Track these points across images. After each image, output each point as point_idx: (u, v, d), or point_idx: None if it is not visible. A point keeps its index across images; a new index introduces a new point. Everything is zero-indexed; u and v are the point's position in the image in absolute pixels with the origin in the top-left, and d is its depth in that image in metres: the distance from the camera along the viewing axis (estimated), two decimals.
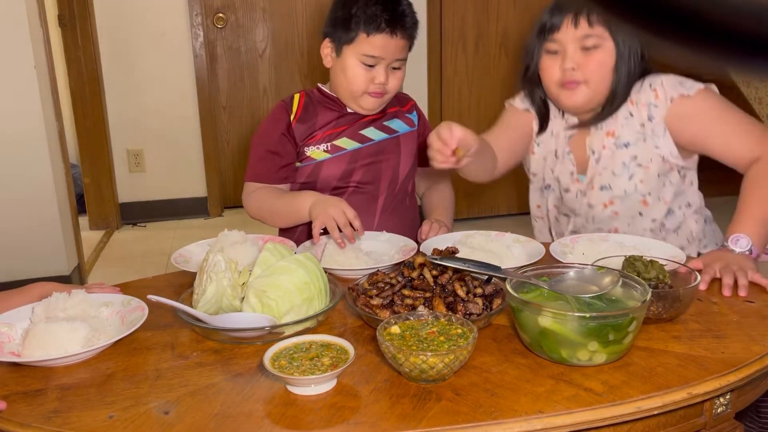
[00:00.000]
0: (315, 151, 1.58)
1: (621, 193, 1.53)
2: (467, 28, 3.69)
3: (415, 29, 1.57)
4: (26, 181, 2.80)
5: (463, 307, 1.07)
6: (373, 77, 1.53)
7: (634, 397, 0.88)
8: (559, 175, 1.60)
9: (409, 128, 1.68)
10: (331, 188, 1.59)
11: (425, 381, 0.92)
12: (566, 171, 1.59)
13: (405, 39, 1.54)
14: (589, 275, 1.08)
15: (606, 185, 1.54)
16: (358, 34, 1.51)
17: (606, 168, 1.53)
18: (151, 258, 3.49)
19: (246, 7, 4.04)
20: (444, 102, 3.75)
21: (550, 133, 1.62)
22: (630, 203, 1.54)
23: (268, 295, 1.08)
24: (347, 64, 1.54)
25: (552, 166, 1.62)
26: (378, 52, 1.52)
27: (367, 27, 1.50)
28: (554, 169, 1.61)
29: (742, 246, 1.29)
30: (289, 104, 1.61)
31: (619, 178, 1.53)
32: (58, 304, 1.09)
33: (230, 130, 4.19)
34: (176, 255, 1.38)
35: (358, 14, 1.51)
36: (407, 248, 1.40)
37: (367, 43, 1.51)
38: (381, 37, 1.50)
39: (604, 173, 1.54)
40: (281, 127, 1.58)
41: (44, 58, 2.85)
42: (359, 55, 1.52)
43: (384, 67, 1.53)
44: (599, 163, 1.54)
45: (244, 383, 0.94)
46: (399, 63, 1.56)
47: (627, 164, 1.52)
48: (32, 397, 0.92)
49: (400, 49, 1.54)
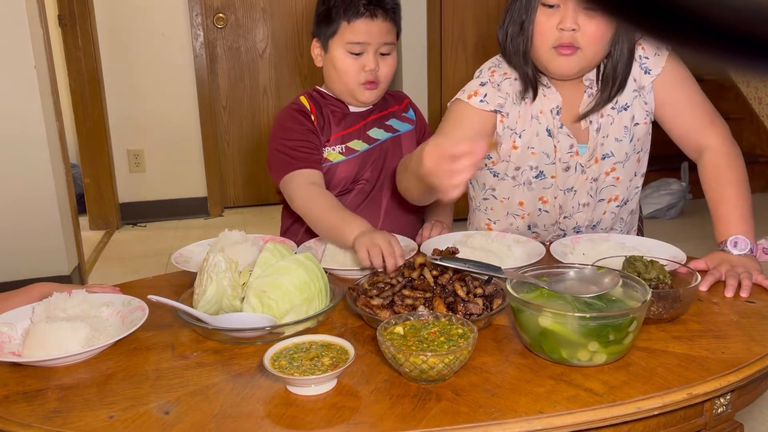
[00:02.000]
0: (331, 152, 1.56)
1: (623, 158, 1.48)
2: (467, 29, 3.70)
3: (397, 11, 1.54)
4: (26, 182, 2.80)
5: (463, 307, 1.07)
6: (362, 65, 1.51)
7: (635, 398, 0.88)
8: (558, 153, 1.47)
9: (409, 126, 1.67)
10: (341, 187, 1.58)
11: (425, 381, 0.92)
12: (564, 146, 1.47)
13: (388, 21, 1.52)
14: (589, 275, 1.08)
15: (608, 153, 1.48)
16: (340, 24, 1.50)
17: (608, 136, 1.47)
18: (151, 258, 3.49)
19: (246, 7, 4.04)
20: (444, 102, 3.75)
21: (528, 117, 1.47)
22: (629, 165, 1.50)
23: (269, 295, 1.08)
24: (335, 56, 1.53)
25: (545, 149, 1.48)
26: (362, 37, 1.50)
27: (346, 14, 1.49)
28: (548, 152, 1.48)
29: (742, 248, 1.29)
30: (302, 106, 1.58)
31: (621, 143, 1.47)
32: (58, 304, 1.10)
33: (230, 130, 4.19)
34: (176, 255, 1.38)
35: (336, 4, 1.50)
36: (408, 248, 1.40)
37: (350, 31, 1.50)
38: (362, 22, 1.49)
39: (605, 142, 1.47)
40: (308, 125, 1.55)
41: (44, 58, 2.86)
42: (344, 45, 1.51)
43: (372, 54, 1.51)
44: (599, 132, 1.46)
45: (244, 383, 0.94)
46: (387, 48, 1.54)
47: (629, 127, 1.46)
48: (32, 397, 0.92)
49: (385, 33, 1.52)
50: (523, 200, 1.55)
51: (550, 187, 1.52)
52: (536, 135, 1.48)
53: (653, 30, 0.29)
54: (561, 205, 1.53)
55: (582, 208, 1.54)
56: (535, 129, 1.48)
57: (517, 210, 1.57)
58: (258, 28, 4.08)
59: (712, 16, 0.27)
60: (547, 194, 1.53)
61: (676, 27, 0.28)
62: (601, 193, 1.53)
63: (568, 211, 1.54)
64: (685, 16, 0.28)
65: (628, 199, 1.56)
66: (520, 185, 1.54)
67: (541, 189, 1.53)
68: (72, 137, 3.82)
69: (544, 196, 1.53)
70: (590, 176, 1.50)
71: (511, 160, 1.51)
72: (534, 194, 1.54)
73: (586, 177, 1.50)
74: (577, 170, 1.49)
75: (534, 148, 1.49)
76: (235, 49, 4.09)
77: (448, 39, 3.68)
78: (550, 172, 1.50)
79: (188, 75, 3.95)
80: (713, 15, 0.27)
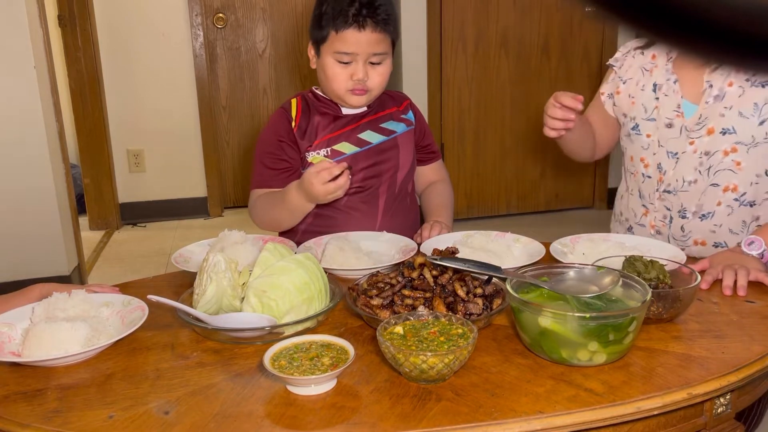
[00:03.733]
0: (315, 156, 1.56)
1: (748, 140, 1.35)
2: (467, 29, 3.69)
3: (389, 22, 1.49)
4: (26, 182, 2.80)
5: (463, 307, 1.07)
6: (351, 74, 1.50)
7: (634, 398, 0.88)
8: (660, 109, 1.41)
9: (407, 128, 1.66)
10: None
11: (425, 381, 0.92)
12: (671, 104, 1.40)
13: (378, 32, 1.48)
14: (589, 275, 1.08)
15: (729, 128, 1.35)
16: (329, 32, 1.49)
17: (731, 108, 1.35)
18: (151, 258, 3.49)
19: (246, 7, 4.05)
20: (444, 102, 3.76)
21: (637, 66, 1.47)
22: (756, 155, 1.36)
23: (268, 295, 1.08)
24: (325, 63, 1.52)
25: (646, 102, 1.45)
26: (349, 47, 1.48)
27: (335, 23, 1.47)
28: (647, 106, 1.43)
29: (755, 249, 1.27)
30: (288, 110, 1.60)
31: (747, 121, 1.34)
32: (58, 304, 1.10)
33: (230, 130, 4.19)
34: (176, 255, 1.38)
35: (327, 11, 1.48)
36: (407, 248, 1.40)
37: (338, 40, 1.48)
38: (350, 32, 1.46)
39: (727, 114, 1.35)
40: (282, 133, 1.57)
41: (44, 58, 2.86)
42: (333, 53, 1.49)
43: (361, 63, 1.49)
44: (722, 101, 1.36)
45: (244, 383, 0.94)
46: (378, 58, 1.50)
47: (759, 106, 1.34)
48: (32, 397, 0.92)
49: (374, 43, 1.48)
50: (632, 155, 1.54)
51: (647, 147, 1.46)
52: (638, 85, 1.48)
53: (653, 30, 0.29)
54: (662, 174, 1.44)
55: (688, 186, 1.43)
56: (641, 80, 1.47)
57: (629, 166, 1.57)
58: (258, 28, 4.08)
59: (712, 16, 0.27)
60: (647, 156, 1.47)
61: (676, 27, 0.28)
62: (715, 176, 1.40)
63: (672, 184, 1.44)
64: (685, 17, 0.28)
65: (753, 199, 1.42)
66: (624, 137, 1.54)
67: (640, 148, 1.49)
68: (72, 137, 3.82)
69: (645, 158, 1.48)
70: (700, 149, 1.39)
71: (616, 104, 1.54)
72: (635, 150, 1.50)
73: (694, 148, 1.40)
74: (682, 134, 1.39)
75: (634, 97, 1.47)
76: (235, 49, 4.09)
77: (448, 39, 3.68)
78: (646, 129, 1.45)
79: (188, 75, 3.94)
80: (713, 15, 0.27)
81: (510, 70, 3.77)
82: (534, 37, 3.77)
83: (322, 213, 1.58)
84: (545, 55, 3.80)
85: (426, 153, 1.73)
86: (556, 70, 3.83)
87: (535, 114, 3.81)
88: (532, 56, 3.79)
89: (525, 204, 3.97)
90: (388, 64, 1.54)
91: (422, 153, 1.72)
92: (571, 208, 4.07)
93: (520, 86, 3.79)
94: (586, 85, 3.83)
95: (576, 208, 4.07)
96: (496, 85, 3.77)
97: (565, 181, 4.00)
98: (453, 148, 3.81)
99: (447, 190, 1.75)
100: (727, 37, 0.28)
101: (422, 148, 1.71)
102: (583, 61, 3.86)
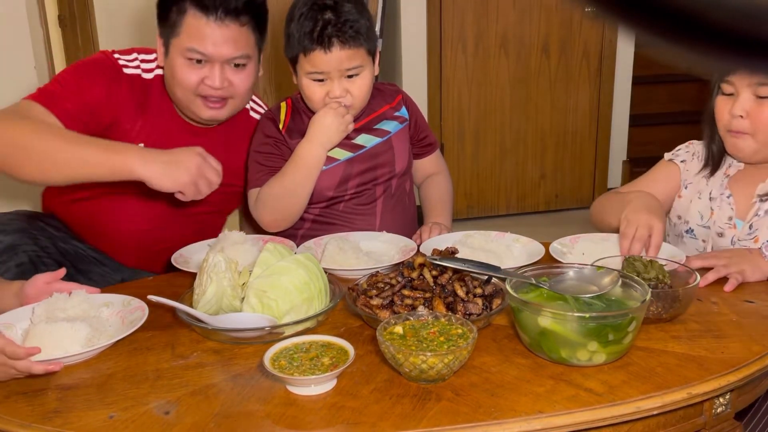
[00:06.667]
0: None
1: None
2: (467, 29, 3.69)
3: (358, 37, 1.42)
4: None
5: (463, 307, 1.07)
6: (327, 91, 1.45)
7: (634, 397, 0.88)
8: (715, 218, 1.45)
9: (400, 125, 1.62)
10: (327, 198, 1.55)
11: (425, 381, 0.92)
12: (723, 215, 1.44)
13: (347, 49, 1.41)
14: (588, 275, 1.08)
15: None
16: (297, 55, 1.44)
17: None
18: None
19: None
20: (444, 102, 3.75)
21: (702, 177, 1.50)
22: None
23: (268, 295, 1.08)
24: (302, 83, 1.48)
25: (702, 210, 1.48)
26: (319, 67, 1.42)
27: (300, 46, 1.42)
28: (703, 213, 1.47)
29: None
30: (276, 114, 1.57)
31: None
32: (58, 304, 1.10)
33: None
34: (176, 255, 1.38)
35: (293, 33, 1.44)
36: (407, 248, 1.40)
37: (307, 62, 1.43)
38: (316, 54, 1.41)
39: None
40: (269, 134, 1.54)
41: (44, 58, 2.85)
42: (306, 74, 1.45)
43: (336, 81, 1.44)
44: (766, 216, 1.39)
45: (244, 383, 0.94)
46: (355, 71, 1.44)
47: None
48: (32, 397, 0.92)
49: (345, 60, 1.42)
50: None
51: (701, 250, 1.47)
52: (698, 193, 1.49)
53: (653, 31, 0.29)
54: None
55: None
56: (700, 188, 1.49)
57: None
58: None
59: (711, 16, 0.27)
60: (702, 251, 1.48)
61: (675, 28, 0.29)
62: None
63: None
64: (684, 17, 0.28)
65: None
66: (675, 236, 1.55)
67: (693, 249, 1.50)
68: None
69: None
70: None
71: (674, 206, 1.55)
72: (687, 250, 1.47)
73: None
74: (733, 243, 1.43)
75: (691, 201, 1.50)
76: None
77: (448, 39, 3.68)
78: (701, 235, 1.48)
79: None
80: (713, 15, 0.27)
81: (510, 71, 3.77)
82: (534, 37, 3.77)
83: (321, 218, 1.57)
84: (545, 55, 3.80)
85: (422, 146, 1.70)
86: (556, 70, 3.83)
87: (534, 114, 3.81)
88: (532, 56, 3.78)
89: (525, 204, 3.97)
90: (367, 75, 1.48)
91: (418, 147, 1.69)
92: (570, 208, 4.07)
93: (520, 86, 3.79)
94: (585, 85, 3.82)
95: (576, 208, 4.07)
96: (495, 85, 3.77)
97: (565, 182, 4.00)
98: (453, 148, 3.81)
99: (445, 183, 1.73)
100: (727, 38, 0.28)
101: (418, 141, 1.68)
102: (583, 61, 3.86)
